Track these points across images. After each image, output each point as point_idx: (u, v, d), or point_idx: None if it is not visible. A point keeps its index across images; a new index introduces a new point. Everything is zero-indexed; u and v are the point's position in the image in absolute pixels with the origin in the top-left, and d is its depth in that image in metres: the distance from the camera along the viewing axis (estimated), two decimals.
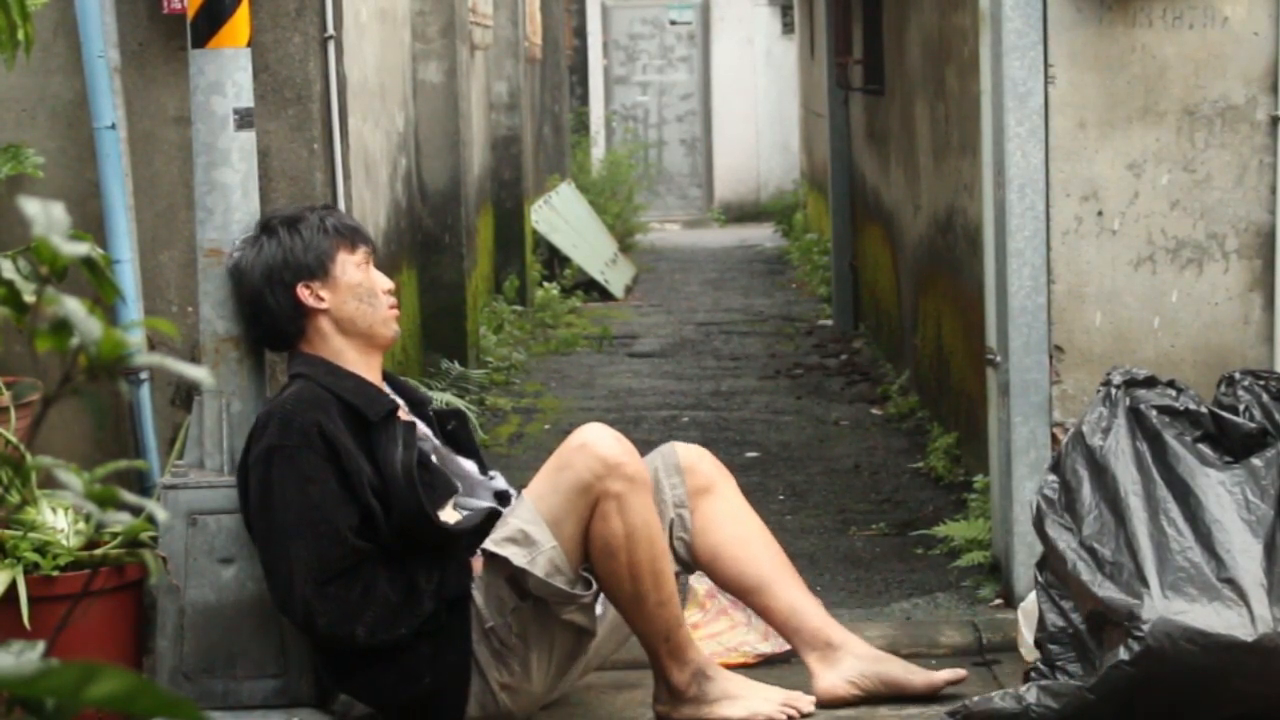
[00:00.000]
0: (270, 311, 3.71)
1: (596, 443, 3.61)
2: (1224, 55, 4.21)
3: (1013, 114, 4.21)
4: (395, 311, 3.78)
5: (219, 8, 3.76)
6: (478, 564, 3.62)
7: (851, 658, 3.78)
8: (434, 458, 3.74)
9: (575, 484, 3.57)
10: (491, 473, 3.94)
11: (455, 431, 3.89)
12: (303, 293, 3.69)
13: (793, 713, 3.71)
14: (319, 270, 3.70)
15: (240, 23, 3.78)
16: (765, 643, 4.14)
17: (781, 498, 5.86)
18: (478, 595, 3.58)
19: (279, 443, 3.53)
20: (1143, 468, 3.58)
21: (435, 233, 7.85)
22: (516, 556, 3.53)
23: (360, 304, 3.71)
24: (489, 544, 3.57)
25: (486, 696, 3.60)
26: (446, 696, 3.59)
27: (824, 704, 3.75)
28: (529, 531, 3.54)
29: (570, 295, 11.04)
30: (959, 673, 3.83)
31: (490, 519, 3.70)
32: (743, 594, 3.85)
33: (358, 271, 3.73)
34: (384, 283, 3.78)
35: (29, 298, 1.39)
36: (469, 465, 3.87)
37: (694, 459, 3.86)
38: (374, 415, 3.61)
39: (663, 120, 18.79)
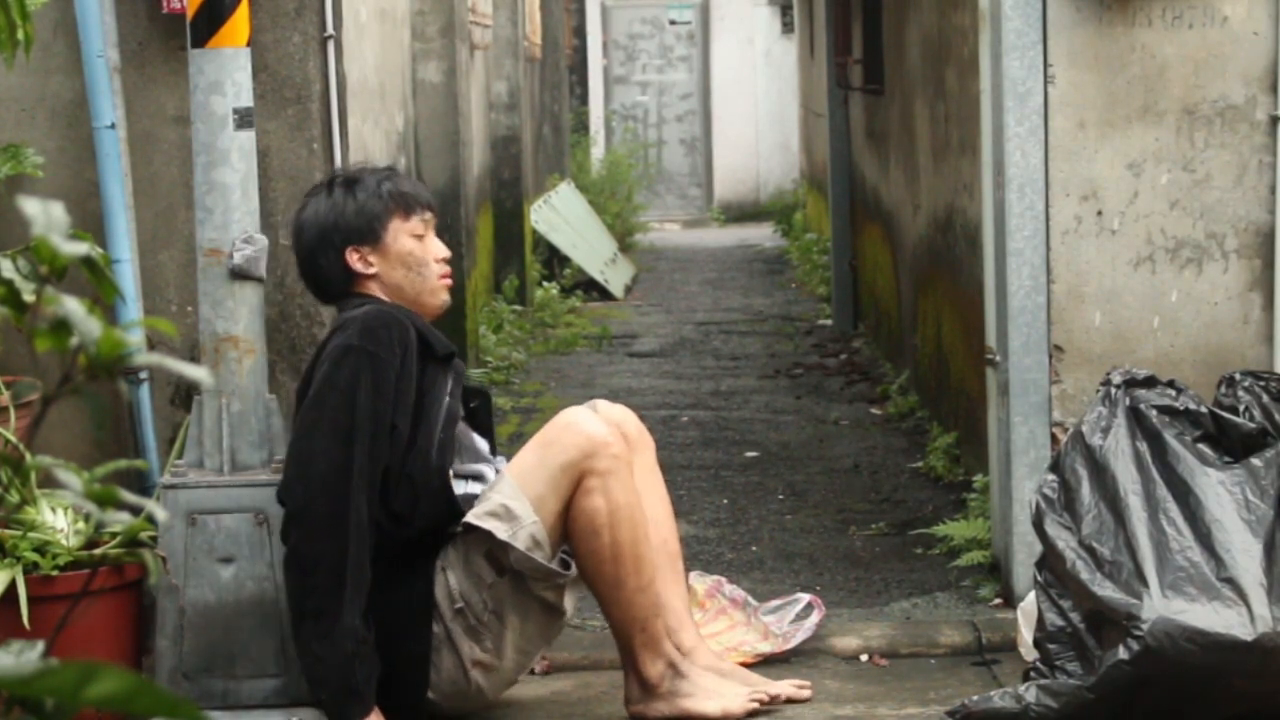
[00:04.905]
0: (321, 273, 3.70)
1: (583, 422, 3.63)
2: (1224, 55, 4.21)
3: (1012, 114, 4.21)
4: (447, 281, 3.75)
5: (219, 7, 3.76)
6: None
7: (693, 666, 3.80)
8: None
9: (560, 461, 3.58)
10: (499, 457, 3.93)
11: (477, 410, 3.88)
12: (351, 257, 3.68)
13: (763, 697, 3.72)
14: (369, 235, 3.67)
15: (240, 22, 3.78)
16: (765, 642, 4.14)
17: (781, 497, 5.86)
18: (452, 573, 3.59)
19: (358, 344, 3.50)
20: (1142, 467, 3.59)
21: (435, 232, 7.85)
22: (498, 530, 3.54)
23: (409, 272, 3.69)
24: (470, 517, 3.57)
25: (458, 673, 3.60)
26: (404, 679, 3.59)
27: None
28: (511, 506, 3.55)
29: (570, 295, 11.04)
30: (802, 684, 3.86)
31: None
32: None
33: (410, 239, 3.70)
34: (439, 251, 3.74)
35: (29, 297, 1.38)
36: (482, 444, 3.86)
37: (618, 418, 3.81)
38: (441, 349, 3.62)
39: (662, 120, 18.79)
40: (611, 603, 3.66)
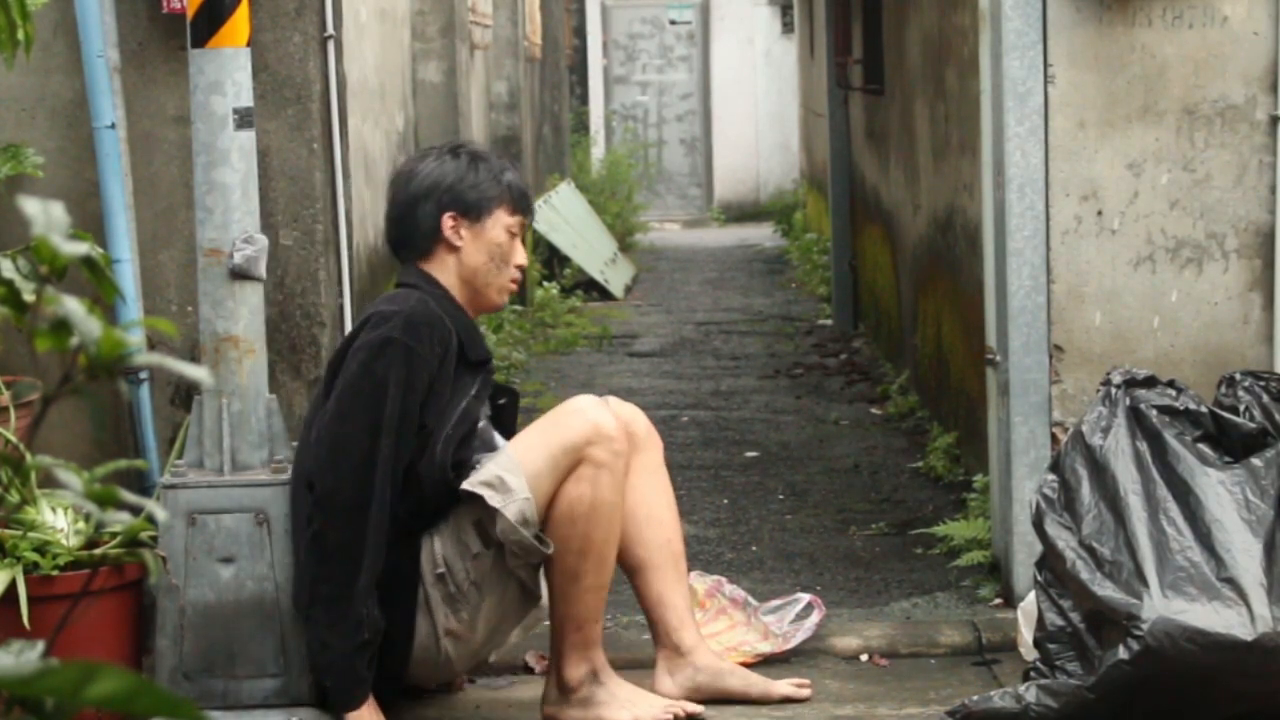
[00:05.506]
0: (412, 221, 3.75)
1: (592, 410, 3.67)
2: (1224, 55, 4.21)
3: (1012, 114, 4.21)
4: (514, 286, 3.83)
5: (219, 7, 3.76)
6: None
7: (691, 668, 3.83)
8: (481, 423, 3.78)
9: (563, 443, 3.61)
10: None
11: (502, 408, 3.90)
12: (447, 222, 3.73)
13: (678, 710, 3.72)
14: (473, 211, 3.74)
15: (240, 22, 3.78)
16: (765, 642, 4.14)
17: (781, 497, 5.86)
18: (439, 539, 3.62)
19: (400, 337, 3.55)
20: (1142, 467, 3.59)
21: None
22: (490, 498, 3.56)
23: (490, 262, 3.75)
24: (465, 484, 3.60)
25: (430, 640, 3.64)
26: (387, 647, 3.61)
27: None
28: (506, 479, 3.58)
29: (570, 295, 11.03)
30: (802, 683, 3.87)
31: None
32: (624, 570, 3.85)
33: (505, 234, 3.76)
34: (520, 256, 3.81)
35: (29, 297, 1.38)
36: (501, 442, 3.88)
37: (628, 417, 3.83)
38: (474, 355, 3.68)
39: (662, 120, 18.79)
40: (561, 595, 3.67)
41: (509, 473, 3.59)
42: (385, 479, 3.52)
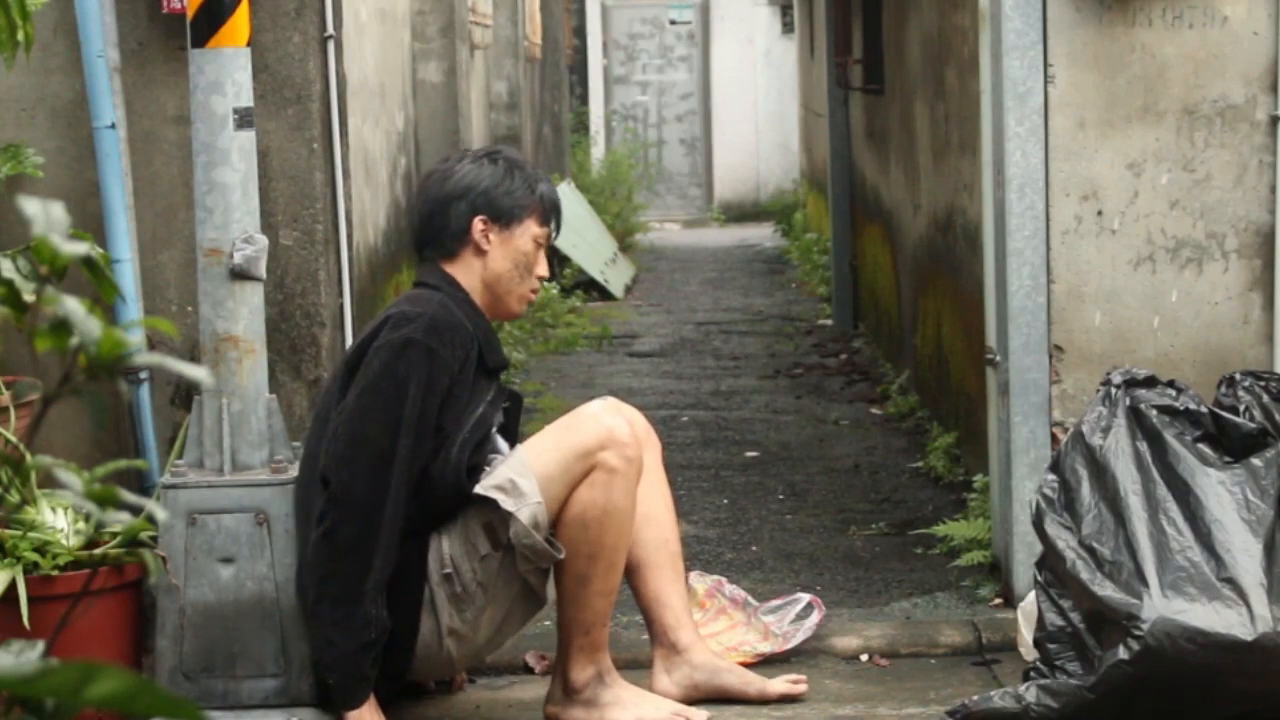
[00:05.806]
0: (443, 220, 3.75)
1: (607, 416, 3.67)
2: (1224, 55, 4.21)
3: (1012, 113, 4.21)
4: (533, 296, 3.85)
5: (219, 7, 3.76)
6: None
7: (688, 666, 3.84)
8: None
9: (577, 447, 3.61)
10: None
11: (505, 412, 3.90)
12: (477, 225, 3.74)
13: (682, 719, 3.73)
14: (504, 217, 3.75)
15: (240, 22, 3.78)
16: (765, 642, 4.14)
17: (781, 497, 5.86)
18: (447, 539, 3.62)
19: (423, 339, 3.56)
20: (1142, 467, 3.59)
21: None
22: (504, 502, 3.57)
23: (514, 270, 3.76)
24: (478, 487, 3.60)
25: (433, 639, 3.64)
26: (391, 646, 3.61)
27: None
28: (518, 482, 3.59)
29: (570, 295, 11.03)
30: (797, 679, 3.89)
31: None
32: None
33: (531, 243, 3.78)
34: (543, 268, 3.83)
35: (29, 297, 1.39)
36: (504, 445, 3.88)
37: (628, 417, 3.82)
38: (493, 362, 3.70)
39: (662, 120, 18.79)
40: (569, 598, 3.67)
41: (521, 476, 3.59)
42: (401, 479, 3.53)
